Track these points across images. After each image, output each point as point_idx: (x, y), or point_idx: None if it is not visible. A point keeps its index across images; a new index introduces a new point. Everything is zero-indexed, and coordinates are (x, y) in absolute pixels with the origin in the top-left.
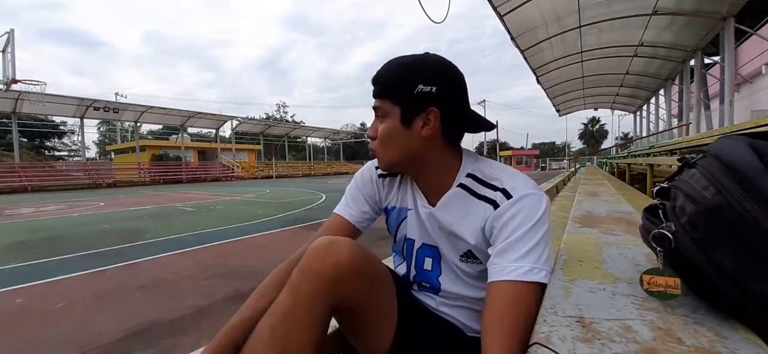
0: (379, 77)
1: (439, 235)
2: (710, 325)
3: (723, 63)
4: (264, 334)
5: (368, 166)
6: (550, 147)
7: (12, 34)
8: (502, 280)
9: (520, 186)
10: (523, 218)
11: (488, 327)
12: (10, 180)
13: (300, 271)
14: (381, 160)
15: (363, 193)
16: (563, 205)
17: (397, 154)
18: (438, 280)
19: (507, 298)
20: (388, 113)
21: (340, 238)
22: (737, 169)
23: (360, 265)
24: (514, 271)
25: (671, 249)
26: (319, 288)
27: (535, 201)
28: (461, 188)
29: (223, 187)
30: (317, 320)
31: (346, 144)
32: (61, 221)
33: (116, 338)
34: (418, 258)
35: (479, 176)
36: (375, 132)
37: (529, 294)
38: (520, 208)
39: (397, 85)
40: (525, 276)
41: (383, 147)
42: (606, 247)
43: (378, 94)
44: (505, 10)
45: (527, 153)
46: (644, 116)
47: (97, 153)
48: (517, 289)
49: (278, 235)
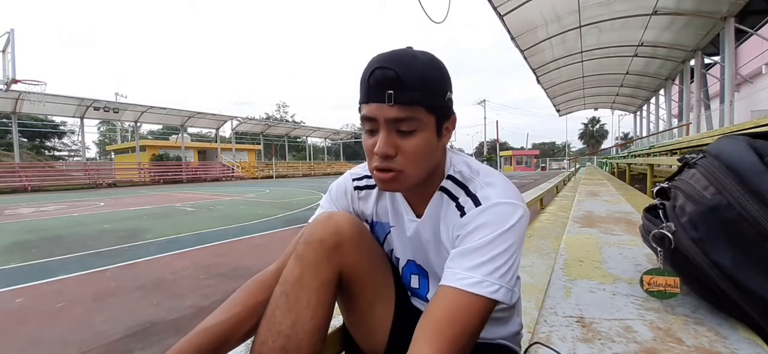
0: (408, 79)
1: (428, 245)
2: (710, 325)
3: (723, 63)
4: (280, 300)
5: (345, 178)
6: (550, 147)
7: (12, 34)
8: (448, 286)
9: (493, 194)
10: (488, 228)
11: (422, 326)
12: (10, 180)
13: (304, 241)
14: (406, 181)
15: (337, 206)
16: (563, 205)
17: (426, 171)
18: (427, 297)
19: (447, 304)
20: (422, 125)
21: (338, 211)
22: (737, 169)
23: (358, 234)
24: (462, 279)
25: (671, 249)
26: (322, 254)
27: (505, 211)
28: (442, 191)
29: (223, 187)
30: (325, 284)
31: (346, 144)
32: (61, 221)
33: (116, 338)
34: (405, 275)
35: (458, 178)
36: (395, 148)
37: (474, 307)
38: (487, 217)
39: (434, 91)
40: (472, 287)
41: (414, 165)
42: (606, 247)
43: (408, 101)
44: (505, 10)
45: (527, 153)
46: (644, 116)
47: (97, 153)
48: (461, 298)
49: (278, 235)
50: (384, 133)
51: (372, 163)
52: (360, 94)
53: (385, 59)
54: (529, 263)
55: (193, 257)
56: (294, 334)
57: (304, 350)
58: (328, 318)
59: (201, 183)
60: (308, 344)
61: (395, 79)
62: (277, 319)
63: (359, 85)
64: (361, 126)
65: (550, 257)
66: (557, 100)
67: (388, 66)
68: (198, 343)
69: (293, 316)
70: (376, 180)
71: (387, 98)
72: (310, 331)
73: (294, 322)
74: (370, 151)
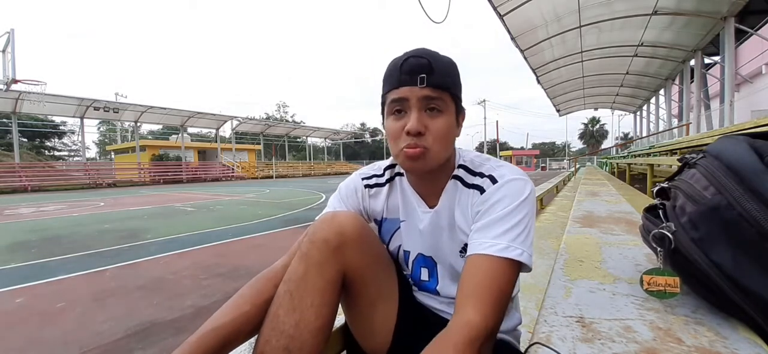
0: (437, 67)
1: (441, 234)
2: (710, 325)
3: (723, 63)
4: (284, 299)
5: (353, 178)
6: (550, 147)
7: (12, 34)
8: (479, 254)
9: (507, 173)
10: (506, 200)
11: (462, 293)
12: (10, 180)
13: (308, 240)
14: (432, 159)
15: (347, 205)
16: (563, 205)
17: (446, 154)
18: (436, 289)
19: (482, 271)
20: (447, 108)
21: (342, 211)
22: (737, 169)
23: (362, 234)
24: (492, 246)
25: (671, 249)
26: (326, 254)
27: (519, 185)
28: (455, 179)
29: (223, 187)
30: (329, 283)
31: (346, 144)
32: (61, 221)
33: (116, 338)
34: (414, 269)
35: (470, 166)
36: (424, 127)
37: (505, 270)
38: (504, 191)
39: (456, 82)
40: (502, 252)
41: (440, 143)
42: (606, 247)
43: (437, 84)
44: (505, 10)
45: (527, 153)
46: (644, 116)
47: (97, 153)
48: (493, 263)
49: (278, 235)
50: (416, 112)
51: (399, 145)
52: (387, 84)
53: (414, 51)
54: None
55: (193, 257)
56: (297, 334)
57: (307, 350)
58: (332, 318)
59: (201, 183)
60: (312, 344)
61: (427, 65)
62: (280, 319)
63: (385, 78)
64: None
65: (550, 257)
66: (557, 100)
67: (421, 55)
68: (206, 343)
69: (297, 316)
70: (403, 158)
71: (419, 81)
72: (314, 331)
73: (298, 322)
74: (398, 133)
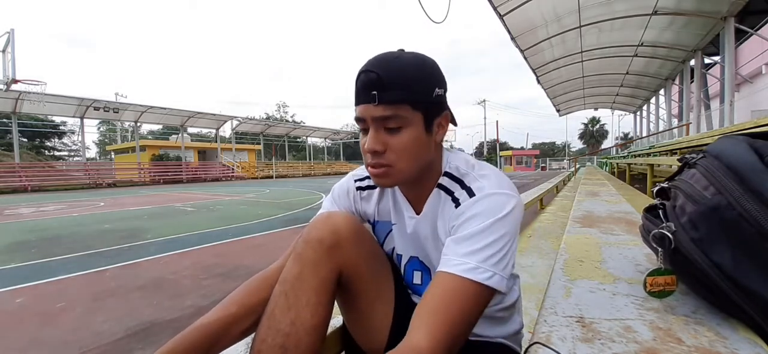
0: (387, 81)
1: (426, 242)
2: (710, 325)
3: (723, 63)
4: (280, 299)
5: (347, 179)
6: (550, 147)
7: (12, 34)
8: (444, 272)
9: (487, 185)
10: (482, 217)
11: (419, 311)
12: (10, 180)
13: (303, 240)
14: (398, 175)
15: (339, 207)
16: (563, 205)
17: (418, 166)
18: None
19: (443, 290)
20: (408, 122)
21: (337, 211)
22: (737, 169)
23: (357, 234)
24: (458, 265)
25: (671, 249)
26: (321, 253)
27: (499, 200)
28: (439, 188)
29: (223, 187)
30: (324, 283)
31: (346, 144)
32: (61, 221)
33: (116, 338)
34: (407, 272)
35: (455, 174)
36: (384, 145)
37: (471, 293)
38: (481, 207)
39: (417, 88)
40: (468, 273)
41: (404, 159)
42: (606, 247)
43: (390, 100)
44: (505, 10)
45: (527, 153)
46: (644, 116)
47: (97, 153)
48: (457, 284)
49: (278, 235)
50: (372, 131)
51: (366, 162)
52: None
53: (369, 63)
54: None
55: (193, 257)
56: (293, 332)
57: (303, 348)
58: (328, 317)
59: (201, 183)
60: (307, 342)
61: (377, 81)
62: (276, 318)
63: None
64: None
65: (550, 257)
66: (557, 100)
67: (371, 69)
68: (192, 340)
69: (293, 315)
70: (371, 176)
71: (372, 98)
72: (310, 329)
73: (293, 320)
74: (364, 150)
